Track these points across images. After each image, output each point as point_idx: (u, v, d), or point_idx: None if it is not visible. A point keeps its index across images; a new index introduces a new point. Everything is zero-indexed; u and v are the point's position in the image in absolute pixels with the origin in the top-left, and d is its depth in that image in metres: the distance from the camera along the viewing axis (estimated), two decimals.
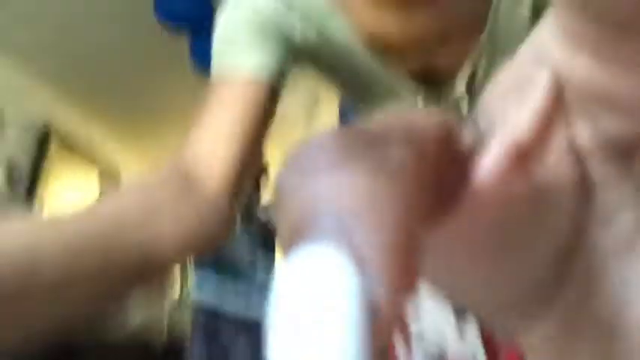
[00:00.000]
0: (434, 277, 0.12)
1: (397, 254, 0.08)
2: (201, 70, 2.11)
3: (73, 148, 2.87)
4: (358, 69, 0.56)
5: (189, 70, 2.23)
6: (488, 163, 0.10)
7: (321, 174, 0.08)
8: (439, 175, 0.10)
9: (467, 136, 0.11)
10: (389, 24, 0.52)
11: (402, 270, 0.08)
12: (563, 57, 0.10)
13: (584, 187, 0.11)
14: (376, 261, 0.08)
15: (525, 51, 0.11)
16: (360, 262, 0.08)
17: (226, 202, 0.48)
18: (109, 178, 3.13)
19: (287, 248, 0.08)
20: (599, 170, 0.11)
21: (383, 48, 0.53)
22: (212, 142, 0.49)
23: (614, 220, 0.11)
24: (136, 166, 3.47)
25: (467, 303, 0.13)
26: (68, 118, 2.84)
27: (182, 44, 2.18)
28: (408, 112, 0.11)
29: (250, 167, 0.52)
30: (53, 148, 2.71)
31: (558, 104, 0.10)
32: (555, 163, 0.11)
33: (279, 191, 0.09)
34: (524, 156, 0.10)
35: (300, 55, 0.56)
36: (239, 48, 0.53)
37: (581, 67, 0.09)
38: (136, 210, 0.40)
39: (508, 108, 0.11)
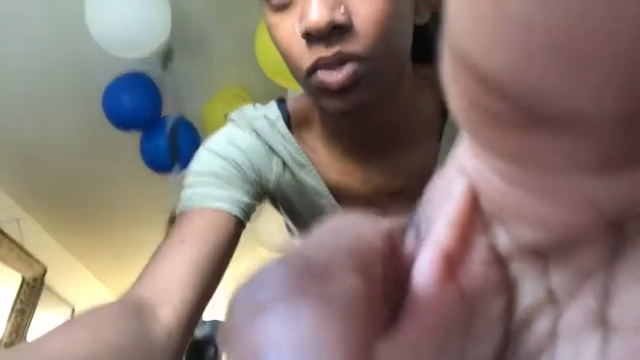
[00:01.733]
0: None
1: None
2: (151, 167, 2.05)
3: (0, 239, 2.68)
4: (322, 209, 0.60)
5: (135, 169, 2.13)
6: (419, 267, 0.10)
7: (265, 313, 0.08)
8: (386, 287, 0.10)
9: (410, 241, 0.11)
10: (351, 175, 0.58)
11: None
12: (476, 171, 0.10)
13: (506, 290, 0.11)
14: None
15: (451, 161, 0.11)
16: None
17: (179, 337, 0.46)
18: (33, 272, 2.91)
19: None
20: (517, 273, 0.11)
21: (346, 195, 0.58)
22: (172, 275, 0.47)
23: (533, 321, 0.11)
24: (65, 262, 3.28)
25: None
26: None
27: (132, 143, 2.11)
28: (352, 222, 0.11)
29: (207, 299, 0.50)
30: None
31: (473, 211, 0.11)
32: (479, 266, 0.11)
33: (226, 328, 0.09)
34: (449, 260, 0.10)
35: (271, 193, 0.60)
36: (217, 183, 0.54)
37: (489, 182, 0.10)
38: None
39: (438, 214, 0.11)
